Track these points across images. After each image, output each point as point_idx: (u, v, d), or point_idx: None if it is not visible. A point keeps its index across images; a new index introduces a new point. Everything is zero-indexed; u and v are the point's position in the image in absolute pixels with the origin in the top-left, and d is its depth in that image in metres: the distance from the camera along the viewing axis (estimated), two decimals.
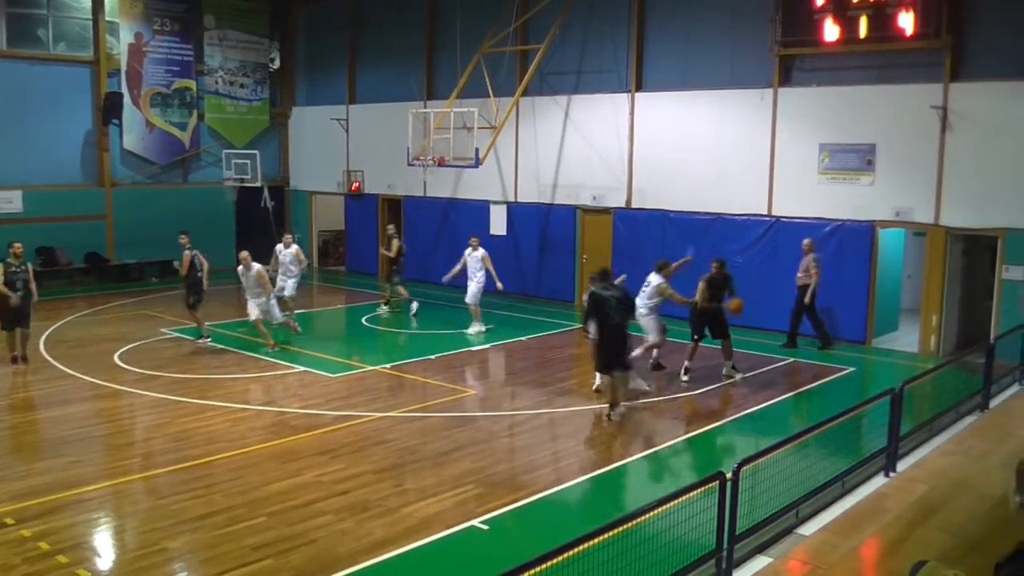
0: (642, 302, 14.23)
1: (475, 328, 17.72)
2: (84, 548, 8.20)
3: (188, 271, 16.41)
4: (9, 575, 7.48)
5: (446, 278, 18.30)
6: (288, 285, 18.21)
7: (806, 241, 16.84)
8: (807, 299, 16.55)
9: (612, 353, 11.96)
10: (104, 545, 8.44)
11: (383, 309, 19.93)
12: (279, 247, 18.67)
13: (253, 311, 16.13)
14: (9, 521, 8.55)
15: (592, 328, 12.14)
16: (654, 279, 14.31)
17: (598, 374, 12.99)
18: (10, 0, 22.60)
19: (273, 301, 16.30)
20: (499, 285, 16.33)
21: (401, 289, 19.53)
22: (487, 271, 17.75)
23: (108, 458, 10.69)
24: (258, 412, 12.27)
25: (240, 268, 16.15)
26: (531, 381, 14.38)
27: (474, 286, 17.79)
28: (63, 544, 8.12)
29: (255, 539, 8.20)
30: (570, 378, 14.79)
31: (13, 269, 14.42)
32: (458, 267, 18.10)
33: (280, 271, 18.25)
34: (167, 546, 8.12)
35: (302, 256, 18.66)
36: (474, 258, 17.95)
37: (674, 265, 14.89)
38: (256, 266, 16.01)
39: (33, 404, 12.79)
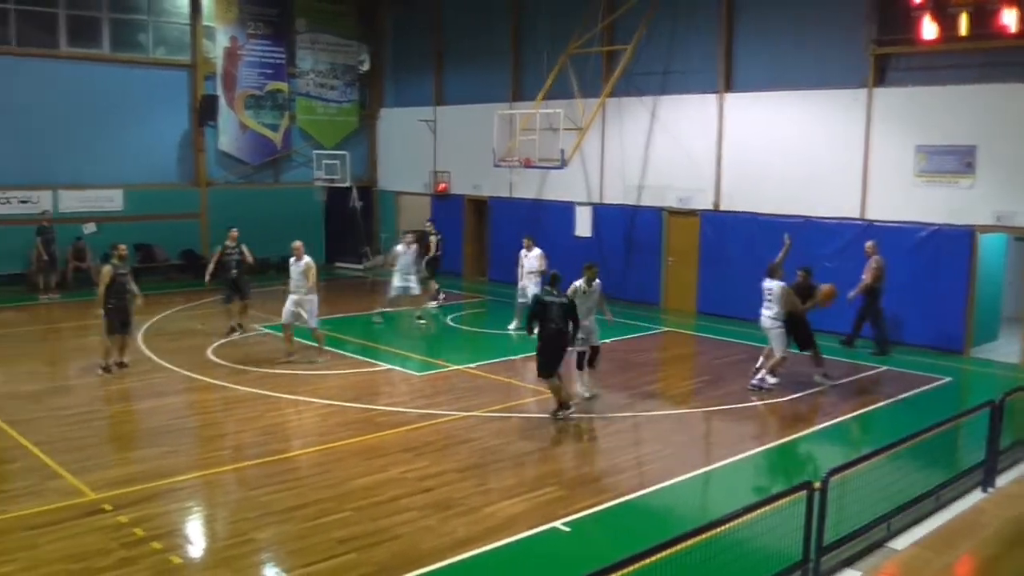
0: (770, 314, 13.62)
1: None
2: (177, 535, 8.46)
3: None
4: (106, 559, 7.76)
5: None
6: (412, 284, 18.51)
7: (869, 243, 16.49)
8: (850, 296, 16.17)
9: (549, 358, 11.97)
10: (196, 533, 8.68)
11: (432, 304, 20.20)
12: (399, 247, 18.75)
13: (286, 312, 15.14)
14: (107, 507, 8.87)
15: (536, 330, 12.05)
16: (774, 285, 13.59)
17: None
18: (113, 6, 23.44)
19: (312, 297, 15.12)
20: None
21: (432, 283, 20.01)
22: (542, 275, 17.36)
23: (200, 449, 11.00)
24: (344, 408, 12.46)
25: (292, 259, 15.30)
26: (615, 384, 14.29)
27: (531, 287, 17.55)
28: (157, 531, 8.38)
29: (341, 533, 8.34)
30: (655, 381, 14.67)
31: (121, 271, 14.09)
32: (522, 270, 18.13)
33: (401, 271, 18.42)
34: (256, 536, 8.32)
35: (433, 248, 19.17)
36: (530, 259, 17.97)
37: (779, 258, 14.19)
38: (306, 258, 15.08)
39: (130, 395, 13.24)
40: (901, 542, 7.95)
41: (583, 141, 20.52)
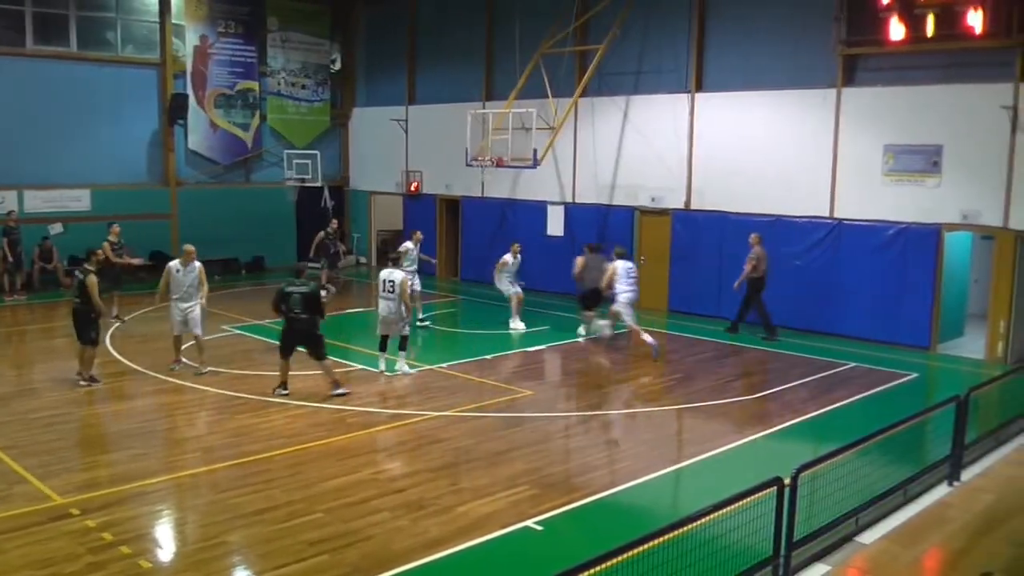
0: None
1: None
2: (146, 539, 8.38)
3: None
4: (74, 564, 7.67)
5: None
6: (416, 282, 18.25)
7: (753, 236, 17.40)
8: (735, 285, 17.60)
9: (291, 342, 12.98)
10: (165, 537, 8.60)
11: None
12: (408, 244, 18.57)
13: (175, 323, 14.41)
14: (74, 511, 8.77)
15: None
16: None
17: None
18: (80, 4, 23.18)
19: (202, 304, 14.47)
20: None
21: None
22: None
23: (169, 452, 10.90)
24: (315, 409, 12.41)
25: (179, 265, 14.31)
26: (586, 383, 14.33)
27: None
28: (126, 535, 8.30)
29: (312, 535, 8.30)
30: (626, 380, 14.71)
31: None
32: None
33: (411, 268, 18.19)
34: (226, 539, 8.26)
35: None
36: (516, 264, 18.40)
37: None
38: (198, 264, 14.27)
39: (99, 398, 13.08)
40: (869, 536, 8.04)
41: (555, 141, 20.56)
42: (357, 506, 8.99)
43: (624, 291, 16.04)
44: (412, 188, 26.00)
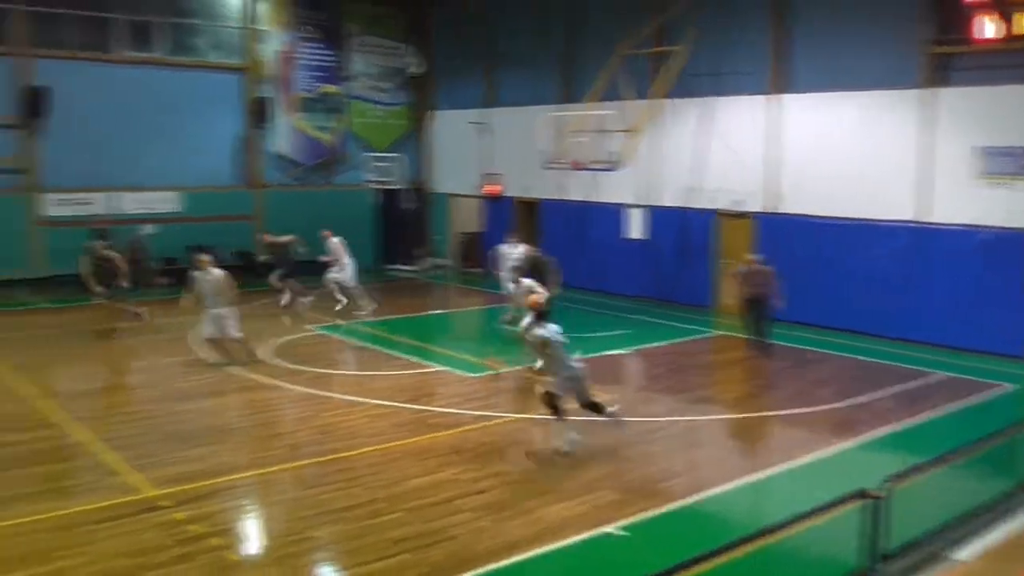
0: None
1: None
2: (233, 533, 8.61)
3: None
4: (163, 555, 7.90)
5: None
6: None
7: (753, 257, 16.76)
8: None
9: None
10: (251, 531, 8.82)
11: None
12: (504, 247, 18.60)
13: (207, 330, 14.87)
14: (164, 503, 9.03)
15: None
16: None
17: None
18: (167, 11, 23.91)
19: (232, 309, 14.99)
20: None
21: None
22: None
23: (257, 448, 11.13)
24: (398, 409, 12.53)
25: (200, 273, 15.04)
26: (667, 387, 14.20)
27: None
28: (214, 528, 8.52)
29: (395, 533, 8.39)
30: (707, 386, 14.54)
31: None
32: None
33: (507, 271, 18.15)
34: (311, 535, 8.41)
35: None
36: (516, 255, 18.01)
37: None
38: (217, 271, 14.90)
39: (188, 394, 13.43)
40: (964, 553, 7.78)
41: (635, 143, 20.42)
42: (439, 506, 9.06)
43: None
44: (492, 190, 26.07)
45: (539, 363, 11.12)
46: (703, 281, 20.91)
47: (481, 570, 7.65)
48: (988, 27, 15.54)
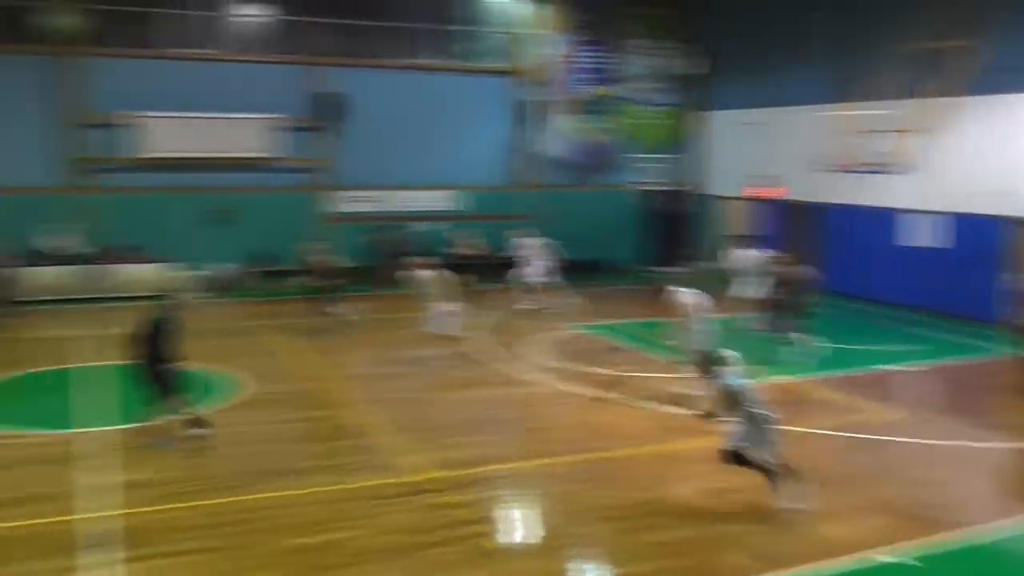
0: None
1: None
2: (497, 521, 8.78)
3: None
4: (429, 536, 8.18)
5: None
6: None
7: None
8: None
9: None
10: (515, 522, 8.93)
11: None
12: (740, 251, 18.17)
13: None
14: (432, 487, 9.36)
15: None
16: None
17: None
18: (449, 20, 25.07)
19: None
20: None
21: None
22: None
23: (523, 441, 11.34)
24: (661, 412, 12.30)
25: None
26: (954, 408, 12.95)
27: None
28: (479, 514, 8.74)
29: (660, 536, 8.19)
30: (999, 411, 13.10)
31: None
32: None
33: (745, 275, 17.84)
34: (573, 531, 8.39)
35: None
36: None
37: None
38: (429, 272, 15.94)
39: (459, 384, 13.91)
40: None
41: (916, 144, 18.83)
42: (705, 514, 8.75)
43: None
44: (759, 192, 25.10)
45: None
46: (990, 294, 18.81)
47: None
48: None
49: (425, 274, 16.33)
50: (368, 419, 11.88)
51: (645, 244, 27.43)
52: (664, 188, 26.84)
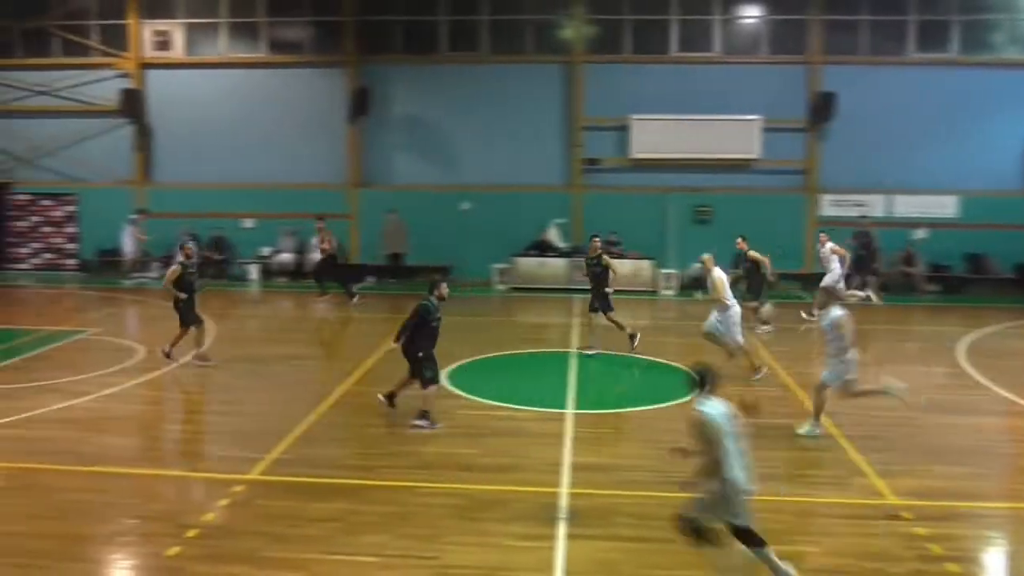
0: None
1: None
2: (976, 563, 7.98)
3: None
4: (899, 566, 7.63)
5: None
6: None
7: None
8: None
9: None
10: (997, 567, 8.02)
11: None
12: None
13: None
14: (906, 515, 8.71)
15: None
16: None
17: None
18: (963, 8, 23.06)
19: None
20: None
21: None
22: None
23: (1013, 478, 10.15)
24: None
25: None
26: None
27: None
28: (955, 552, 7.96)
29: None
30: None
31: (190, 271, 14.59)
32: None
33: None
34: None
35: None
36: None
37: None
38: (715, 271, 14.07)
39: (942, 408, 12.64)
40: None
41: None
42: None
43: None
44: None
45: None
46: None
47: None
48: None
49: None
50: (836, 432, 11.31)
51: None
52: None
